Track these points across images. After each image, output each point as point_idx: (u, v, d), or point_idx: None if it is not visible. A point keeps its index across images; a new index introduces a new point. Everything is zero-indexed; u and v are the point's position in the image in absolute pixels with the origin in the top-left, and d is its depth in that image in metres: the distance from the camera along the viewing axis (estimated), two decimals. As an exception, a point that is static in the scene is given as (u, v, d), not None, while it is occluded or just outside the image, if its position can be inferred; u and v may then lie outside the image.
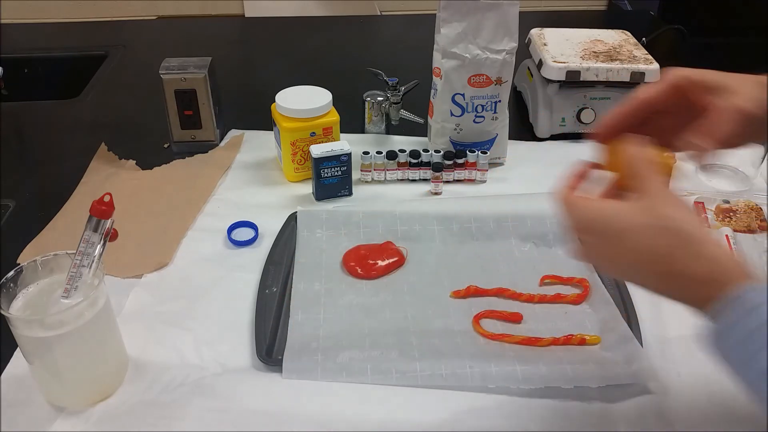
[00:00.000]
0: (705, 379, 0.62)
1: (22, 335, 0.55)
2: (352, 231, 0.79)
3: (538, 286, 0.73)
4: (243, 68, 1.32)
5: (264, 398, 0.60)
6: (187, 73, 0.92)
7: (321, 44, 1.40)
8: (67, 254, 0.58)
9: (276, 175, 0.93)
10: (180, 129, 0.97)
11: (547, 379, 0.60)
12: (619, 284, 0.71)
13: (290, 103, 0.86)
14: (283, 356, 0.63)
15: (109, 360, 0.61)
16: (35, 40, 1.40)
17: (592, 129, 0.56)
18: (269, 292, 0.71)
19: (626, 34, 1.08)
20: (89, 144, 0.98)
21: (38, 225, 0.82)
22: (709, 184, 0.91)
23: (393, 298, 0.71)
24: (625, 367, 0.61)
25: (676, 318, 0.69)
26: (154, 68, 0.94)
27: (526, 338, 0.65)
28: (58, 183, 0.90)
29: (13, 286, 0.56)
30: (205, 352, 0.65)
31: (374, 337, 0.66)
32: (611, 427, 0.58)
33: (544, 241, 0.78)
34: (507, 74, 0.88)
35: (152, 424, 0.58)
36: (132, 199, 0.87)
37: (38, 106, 1.14)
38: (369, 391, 0.61)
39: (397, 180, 0.91)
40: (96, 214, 0.56)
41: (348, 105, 0.94)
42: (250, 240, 0.79)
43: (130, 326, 0.66)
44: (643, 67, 0.97)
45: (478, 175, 0.90)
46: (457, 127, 0.90)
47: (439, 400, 0.60)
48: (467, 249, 0.78)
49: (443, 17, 0.84)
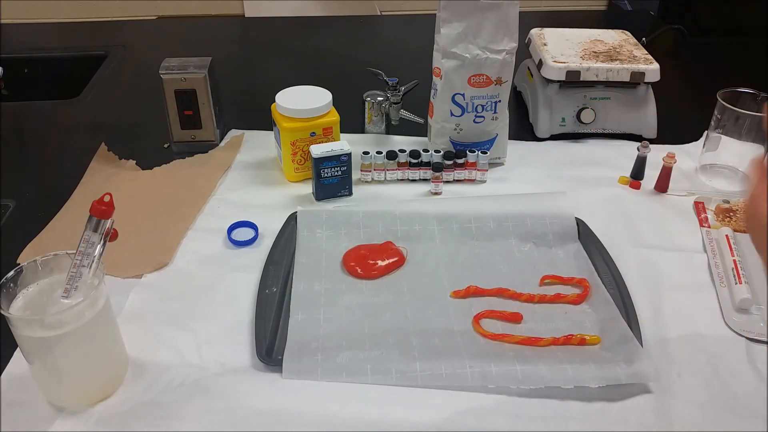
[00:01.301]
0: (705, 379, 0.62)
1: (22, 335, 0.55)
2: (352, 231, 0.79)
3: (538, 286, 0.73)
4: (243, 68, 1.32)
5: (264, 398, 0.60)
6: (187, 73, 0.92)
7: (321, 44, 1.40)
8: (67, 254, 0.58)
9: (276, 175, 0.93)
10: (180, 129, 0.97)
11: (547, 379, 0.60)
12: (619, 284, 0.71)
13: (290, 103, 0.86)
14: (283, 356, 0.63)
15: (109, 360, 0.61)
16: (35, 40, 1.40)
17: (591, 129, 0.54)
18: (269, 292, 0.71)
19: (626, 34, 1.08)
20: (89, 144, 0.98)
21: (38, 225, 0.82)
22: (709, 184, 0.91)
23: (393, 298, 0.71)
24: (625, 367, 0.61)
25: (676, 318, 0.69)
26: (154, 68, 0.94)
27: (526, 338, 0.65)
28: (58, 183, 0.90)
29: (13, 286, 0.56)
30: (205, 352, 0.65)
31: (374, 337, 0.66)
32: (611, 427, 0.58)
33: (544, 241, 0.78)
34: (507, 74, 0.88)
35: (152, 424, 0.58)
36: (132, 199, 0.87)
37: (38, 106, 1.14)
38: (369, 391, 0.61)
39: (397, 180, 0.91)
40: (96, 214, 0.56)
41: (348, 105, 0.94)
42: (250, 240, 0.79)
43: (130, 326, 0.66)
44: (643, 67, 0.97)
45: (478, 175, 0.90)
46: (457, 127, 0.90)
47: (439, 400, 0.60)
48: (467, 249, 0.78)
49: (443, 17, 0.84)
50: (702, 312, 0.70)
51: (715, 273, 0.75)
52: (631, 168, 0.91)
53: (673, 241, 0.80)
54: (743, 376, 0.63)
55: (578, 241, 0.78)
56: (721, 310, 0.70)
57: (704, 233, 0.81)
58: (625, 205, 0.85)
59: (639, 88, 0.99)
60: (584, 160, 0.96)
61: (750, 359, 0.64)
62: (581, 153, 0.98)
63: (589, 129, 1.01)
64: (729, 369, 0.63)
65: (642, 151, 0.89)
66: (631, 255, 0.77)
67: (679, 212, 0.85)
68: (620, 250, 0.77)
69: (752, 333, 0.67)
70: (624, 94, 0.99)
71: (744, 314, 0.69)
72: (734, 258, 0.75)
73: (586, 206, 0.83)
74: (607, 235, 0.78)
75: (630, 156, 0.91)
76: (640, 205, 0.86)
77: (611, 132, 1.01)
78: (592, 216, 0.81)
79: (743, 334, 0.67)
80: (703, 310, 0.70)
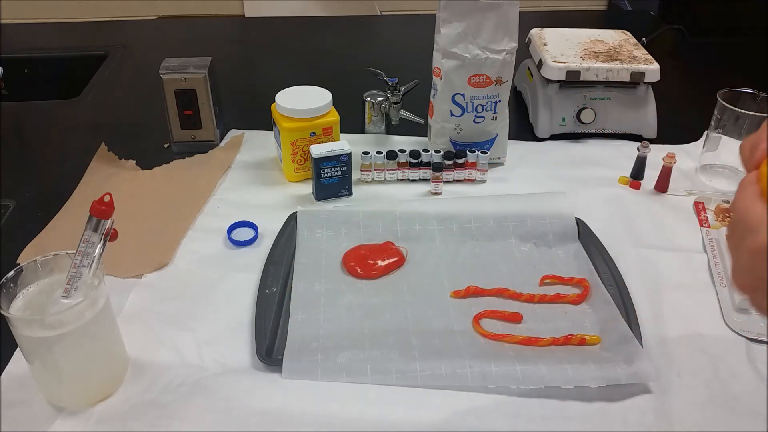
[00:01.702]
0: (705, 379, 0.62)
1: (22, 335, 0.55)
2: (352, 231, 0.79)
3: (538, 286, 0.73)
4: (243, 68, 1.32)
5: (264, 398, 0.60)
6: (187, 73, 0.92)
7: (321, 44, 1.40)
8: (67, 254, 0.58)
9: (276, 175, 0.93)
10: (180, 129, 0.97)
11: (547, 379, 0.60)
12: (619, 284, 0.71)
13: (290, 103, 0.86)
14: (283, 356, 0.63)
15: (109, 360, 0.61)
16: (35, 40, 1.40)
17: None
18: (269, 292, 0.71)
19: (626, 34, 1.08)
20: (89, 144, 0.98)
21: (38, 225, 0.82)
22: (709, 184, 0.91)
23: (393, 298, 0.71)
24: (625, 367, 0.61)
25: (676, 318, 0.69)
26: (154, 68, 0.94)
27: (526, 338, 0.65)
28: (58, 183, 0.90)
29: (13, 286, 0.56)
30: (205, 352, 0.65)
31: (374, 337, 0.66)
32: (611, 427, 0.58)
33: (544, 241, 0.78)
34: (507, 74, 0.88)
35: (152, 424, 0.58)
36: (132, 199, 0.87)
37: (38, 106, 1.14)
38: (369, 391, 0.60)
39: (397, 180, 0.91)
40: (96, 214, 0.56)
41: (348, 105, 0.94)
42: (250, 240, 0.79)
43: (130, 326, 0.66)
44: (643, 67, 0.97)
45: (478, 175, 0.90)
46: (457, 127, 0.90)
47: (439, 400, 0.60)
48: (467, 249, 0.78)
49: (443, 17, 0.84)
50: (702, 312, 0.70)
51: (715, 273, 0.75)
52: (631, 168, 0.91)
53: (673, 241, 0.80)
54: (743, 376, 0.63)
55: (578, 241, 0.78)
56: (721, 310, 0.70)
57: (704, 233, 0.81)
58: (625, 205, 0.85)
59: (639, 88, 0.99)
60: (584, 160, 0.96)
61: (750, 359, 0.64)
62: (581, 153, 0.98)
63: (589, 129, 1.01)
64: (729, 369, 0.63)
65: (642, 151, 0.89)
66: (631, 255, 0.77)
67: (679, 212, 0.85)
68: (620, 250, 0.76)
69: (752, 333, 0.67)
70: (624, 94, 0.99)
71: (744, 314, 0.69)
72: (734, 258, 0.75)
73: (586, 206, 0.83)
74: (607, 235, 0.78)
75: (630, 156, 0.91)
76: (640, 205, 0.86)
77: (611, 132, 1.01)
78: (592, 216, 0.81)
79: (743, 334, 0.67)
80: (703, 310, 0.70)
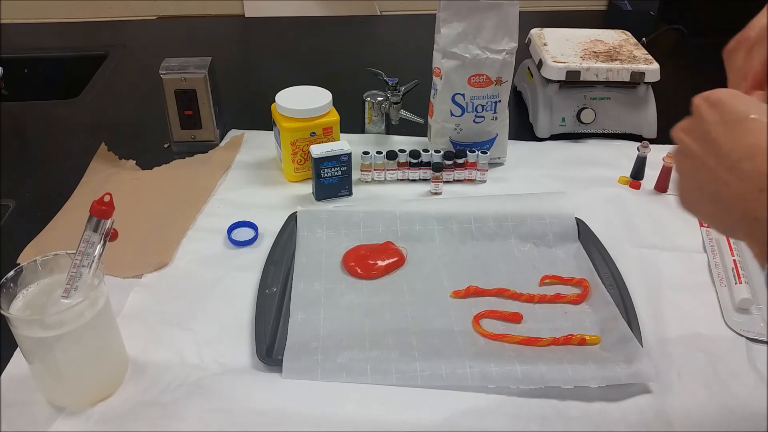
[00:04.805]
0: (705, 379, 0.62)
1: (22, 335, 0.55)
2: (352, 231, 0.79)
3: (538, 286, 0.73)
4: (243, 68, 1.32)
5: (264, 398, 0.60)
6: (187, 73, 0.92)
7: (321, 44, 1.40)
8: (67, 254, 0.58)
9: (276, 175, 0.93)
10: (180, 129, 0.97)
11: (547, 379, 0.60)
12: (619, 284, 0.71)
13: (290, 103, 0.86)
14: (283, 356, 0.63)
15: (109, 360, 0.61)
16: (35, 40, 1.40)
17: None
18: (269, 292, 0.71)
19: (626, 34, 1.08)
20: (89, 144, 0.98)
21: (38, 225, 0.82)
22: (709, 184, 0.90)
23: (393, 298, 0.71)
24: (625, 367, 0.61)
25: (676, 318, 0.69)
26: (154, 68, 0.94)
27: (526, 338, 0.65)
28: (58, 183, 0.90)
29: (13, 286, 0.56)
30: (205, 352, 0.65)
31: (374, 337, 0.66)
32: (611, 427, 0.58)
33: (544, 241, 0.78)
34: (507, 74, 0.88)
35: (152, 424, 0.58)
36: (132, 199, 0.87)
37: (38, 106, 1.14)
38: (369, 391, 0.61)
39: (397, 180, 0.91)
40: (96, 214, 0.56)
41: (348, 105, 0.94)
42: (250, 240, 0.79)
43: (130, 326, 0.66)
44: (643, 67, 0.97)
45: (478, 175, 0.90)
46: (457, 127, 0.90)
47: (439, 400, 0.60)
48: (467, 249, 0.78)
49: (443, 17, 0.84)
50: (702, 312, 0.70)
51: (715, 273, 0.75)
52: (631, 168, 0.91)
53: (673, 241, 0.80)
54: (743, 376, 0.63)
55: (578, 241, 0.78)
56: (721, 310, 0.70)
57: (704, 233, 0.81)
58: (625, 205, 0.85)
59: (639, 88, 0.99)
60: (584, 160, 0.96)
61: (750, 359, 0.64)
62: (581, 153, 0.98)
63: (589, 129, 1.01)
64: (729, 369, 0.63)
65: (642, 151, 0.89)
66: (631, 255, 0.77)
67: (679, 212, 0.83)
68: (620, 250, 0.77)
69: (752, 333, 0.67)
70: (624, 94, 0.99)
71: (744, 314, 0.69)
72: (734, 258, 0.75)
73: (586, 206, 0.83)
74: (607, 235, 0.78)
75: (630, 156, 0.91)
76: (640, 205, 0.86)
77: (611, 132, 1.01)
78: (592, 216, 0.81)
79: (743, 334, 0.67)
80: (703, 310, 0.70)
